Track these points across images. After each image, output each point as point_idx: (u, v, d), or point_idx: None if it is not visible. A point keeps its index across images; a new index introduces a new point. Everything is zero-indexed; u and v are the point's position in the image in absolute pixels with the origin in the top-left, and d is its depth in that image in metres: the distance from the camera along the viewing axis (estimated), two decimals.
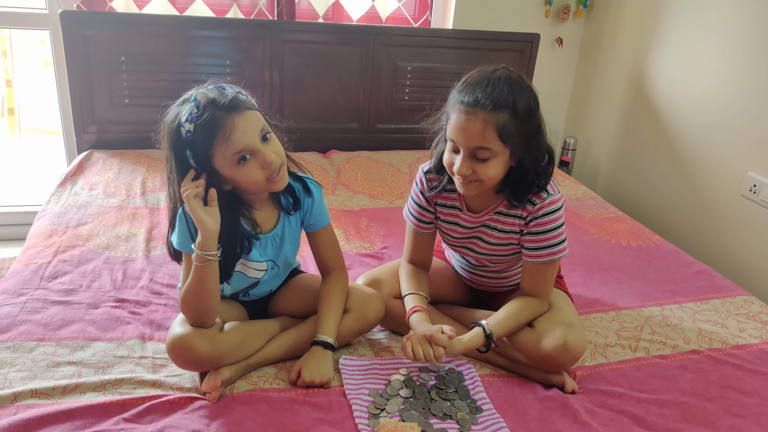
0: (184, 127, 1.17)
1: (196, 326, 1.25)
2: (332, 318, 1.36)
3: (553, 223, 1.38)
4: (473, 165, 1.29)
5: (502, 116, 1.25)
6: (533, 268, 1.42)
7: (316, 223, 1.42)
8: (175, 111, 1.21)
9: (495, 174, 1.31)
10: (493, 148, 1.27)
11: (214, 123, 1.16)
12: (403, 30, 2.72)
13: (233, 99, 1.19)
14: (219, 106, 1.17)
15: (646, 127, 2.73)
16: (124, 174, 2.32)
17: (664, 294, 1.82)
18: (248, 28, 2.51)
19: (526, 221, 1.39)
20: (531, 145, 1.31)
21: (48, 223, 1.93)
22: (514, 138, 1.27)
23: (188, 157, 1.19)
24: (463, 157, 1.29)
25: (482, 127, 1.25)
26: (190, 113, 1.17)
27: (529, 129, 1.30)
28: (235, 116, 1.18)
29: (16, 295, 1.53)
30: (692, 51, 2.45)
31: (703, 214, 2.45)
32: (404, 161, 2.69)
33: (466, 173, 1.30)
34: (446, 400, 1.29)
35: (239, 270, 1.37)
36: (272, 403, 1.24)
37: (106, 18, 2.37)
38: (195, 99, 1.18)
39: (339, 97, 2.72)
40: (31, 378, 1.26)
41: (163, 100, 1.26)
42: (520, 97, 1.27)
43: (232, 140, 1.17)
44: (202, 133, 1.17)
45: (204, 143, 1.17)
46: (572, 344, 1.32)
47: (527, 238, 1.40)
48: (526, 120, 1.28)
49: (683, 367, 1.47)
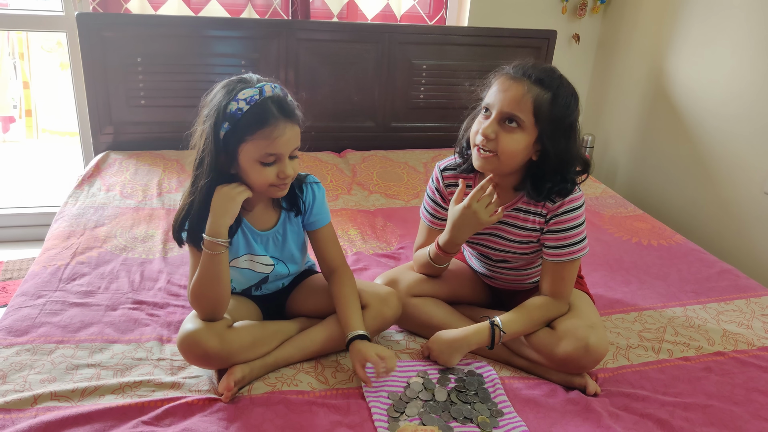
0: (238, 103, 1.18)
1: (206, 319, 1.26)
2: (356, 314, 1.35)
3: (574, 221, 1.36)
4: (499, 131, 1.30)
5: (543, 94, 1.27)
6: (553, 267, 1.40)
7: (316, 221, 1.42)
8: (225, 90, 1.22)
9: (514, 149, 1.29)
10: (524, 119, 1.28)
11: (267, 117, 1.19)
12: (418, 28, 2.70)
13: (293, 110, 1.24)
14: (280, 106, 1.21)
15: (666, 125, 2.68)
16: (141, 175, 2.32)
17: (687, 294, 1.79)
18: (263, 27, 2.51)
19: (546, 219, 1.38)
20: (559, 141, 1.30)
21: (66, 225, 1.94)
22: (547, 122, 1.28)
23: (222, 129, 1.20)
24: (493, 120, 1.30)
25: (522, 94, 1.27)
26: (251, 96, 1.19)
27: (563, 124, 1.29)
28: (288, 124, 1.22)
29: (35, 297, 1.54)
30: (712, 47, 2.41)
31: (725, 213, 2.40)
32: (420, 160, 2.67)
33: (490, 135, 1.30)
34: (466, 403, 1.27)
35: (247, 266, 1.38)
36: (290, 405, 1.23)
37: (122, 19, 2.38)
38: (261, 86, 1.20)
39: (354, 96, 2.71)
40: (50, 380, 1.26)
41: (180, 100, 1.27)
42: (564, 90, 1.29)
43: (274, 143, 1.20)
44: (251, 118, 1.19)
45: (247, 127, 1.19)
46: (594, 346, 1.30)
47: (547, 236, 1.39)
48: (563, 113, 1.29)
49: (708, 369, 1.44)
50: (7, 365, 1.29)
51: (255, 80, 1.23)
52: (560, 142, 1.30)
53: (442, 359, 1.37)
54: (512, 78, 1.30)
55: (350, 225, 2.13)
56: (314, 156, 2.57)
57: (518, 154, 1.31)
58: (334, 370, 1.36)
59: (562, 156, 1.31)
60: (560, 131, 1.30)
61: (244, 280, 1.42)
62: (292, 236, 1.41)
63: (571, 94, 1.30)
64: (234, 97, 1.19)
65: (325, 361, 1.39)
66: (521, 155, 1.32)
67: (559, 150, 1.30)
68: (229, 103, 1.19)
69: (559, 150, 1.30)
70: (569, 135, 1.31)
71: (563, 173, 1.33)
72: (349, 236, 2.04)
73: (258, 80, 1.23)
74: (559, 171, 1.33)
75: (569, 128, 1.31)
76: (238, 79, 1.24)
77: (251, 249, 1.36)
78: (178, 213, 1.29)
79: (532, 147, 1.31)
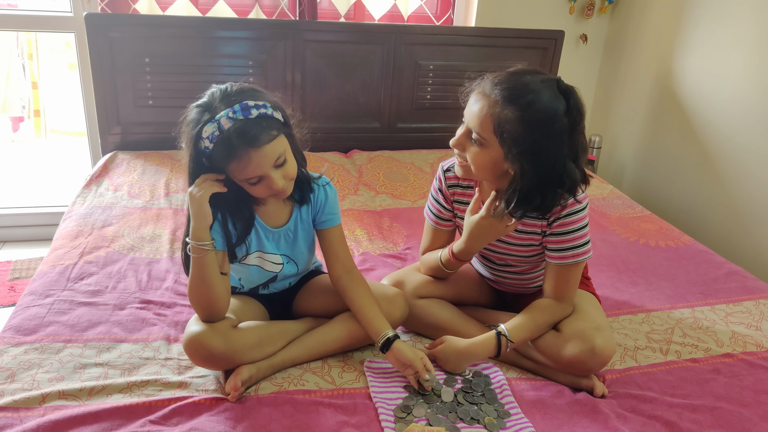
0: (203, 142, 1.19)
1: (206, 321, 1.27)
2: (379, 316, 1.35)
3: (577, 223, 1.34)
4: (466, 144, 1.30)
5: (507, 113, 1.20)
6: (556, 270, 1.39)
7: (327, 221, 1.42)
8: (196, 115, 1.21)
9: (480, 163, 1.28)
10: (486, 138, 1.25)
11: (230, 152, 1.18)
12: (425, 29, 2.69)
13: (255, 133, 1.18)
14: (241, 138, 1.17)
15: (674, 125, 2.67)
16: (148, 175, 2.33)
17: (695, 295, 1.78)
18: (270, 28, 2.51)
19: (549, 222, 1.36)
20: (534, 161, 1.21)
21: (74, 225, 1.95)
22: (513, 142, 1.21)
23: (204, 163, 1.23)
24: (462, 133, 1.31)
25: (484, 112, 1.24)
26: (212, 133, 1.18)
27: (535, 144, 1.20)
28: (252, 152, 1.18)
29: (44, 296, 1.55)
30: (721, 47, 2.40)
31: (733, 214, 2.39)
32: (426, 160, 2.67)
33: (456, 146, 1.32)
34: (473, 404, 1.27)
35: (257, 264, 1.38)
36: (297, 405, 1.23)
37: (130, 20, 2.39)
38: (218, 121, 1.17)
39: (360, 97, 2.71)
40: (58, 379, 1.27)
41: (187, 101, 1.27)
42: (540, 105, 1.19)
43: (246, 171, 1.21)
44: (219, 153, 1.19)
45: (220, 161, 1.21)
46: (600, 348, 1.29)
47: (550, 239, 1.37)
48: (537, 130, 1.19)
49: (716, 371, 1.43)
50: (16, 364, 1.30)
51: (214, 107, 1.19)
52: (535, 161, 1.21)
53: (449, 367, 1.37)
54: (481, 92, 1.26)
55: (357, 225, 2.13)
56: (321, 156, 2.58)
57: (487, 168, 1.28)
58: (341, 370, 1.36)
59: (539, 176, 1.23)
60: (533, 151, 1.21)
61: (253, 278, 1.43)
62: (303, 234, 1.41)
63: (552, 110, 1.19)
64: (200, 136, 1.19)
65: (332, 361, 1.39)
66: (490, 169, 1.28)
67: (533, 170, 1.22)
68: (198, 141, 1.20)
69: (533, 170, 1.22)
70: (546, 150, 1.21)
71: (543, 195, 1.26)
72: (355, 236, 2.04)
73: (216, 105, 1.19)
74: (539, 192, 1.25)
75: (546, 141, 1.20)
76: (204, 106, 1.21)
77: (262, 246, 1.37)
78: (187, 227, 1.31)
79: (504, 162, 1.25)
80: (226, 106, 1.18)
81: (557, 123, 1.20)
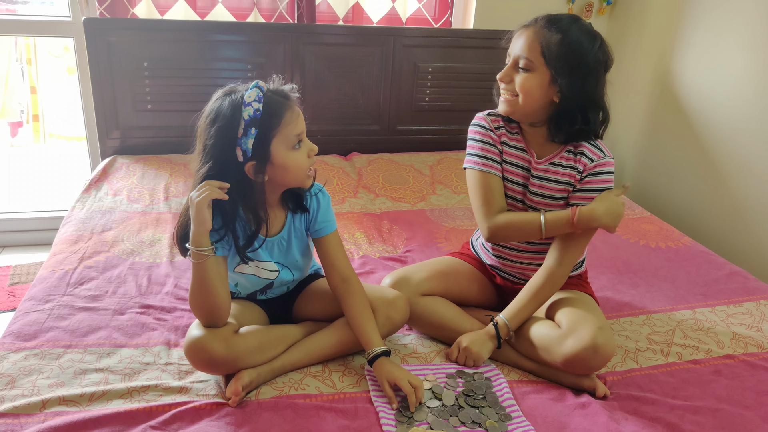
0: (252, 106, 1.20)
1: (208, 326, 1.26)
2: (374, 328, 1.35)
3: (605, 183, 1.41)
4: (514, 74, 1.38)
5: (551, 36, 1.33)
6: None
7: (322, 228, 1.40)
8: (225, 99, 1.22)
9: (529, 88, 1.36)
10: (534, 61, 1.34)
11: (281, 104, 1.24)
12: (423, 31, 2.70)
13: (290, 91, 1.29)
14: (283, 93, 1.27)
15: (673, 126, 2.67)
16: (148, 179, 2.33)
17: (696, 297, 1.78)
18: (269, 31, 2.51)
19: (582, 175, 1.41)
20: (577, 83, 1.33)
21: (73, 229, 1.95)
22: (559, 63, 1.33)
23: (249, 137, 1.20)
24: (509, 65, 1.40)
25: (530, 38, 1.35)
26: (258, 95, 1.22)
27: (576, 62, 1.33)
28: (294, 104, 1.27)
29: (44, 301, 1.55)
30: (720, 47, 2.40)
31: (733, 214, 2.39)
32: (425, 163, 2.66)
33: (505, 79, 1.39)
34: (474, 408, 1.27)
35: (252, 272, 1.38)
36: (298, 409, 1.23)
37: (129, 24, 2.39)
38: (257, 85, 1.23)
39: (359, 99, 2.71)
40: (58, 385, 1.26)
41: (186, 104, 1.28)
42: (575, 32, 1.33)
43: (297, 122, 1.26)
44: (269, 112, 1.22)
45: (272, 120, 1.22)
46: (602, 345, 1.29)
47: (577, 195, 1.42)
48: (575, 51, 1.32)
49: (718, 372, 1.43)
50: (16, 370, 1.30)
51: (243, 87, 1.25)
52: (575, 81, 1.33)
53: (474, 353, 1.39)
54: (525, 26, 1.39)
55: (356, 228, 2.13)
56: (320, 159, 2.57)
57: (534, 94, 1.37)
58: (341, 374, 1.36)
59: (580, 96, 1.35)
60: (574, 70, 1.33)
61: (249, 285, 1.43)
62: (296, 242, 1.41)
63: (587, 39, 1.33)
64: (244, 104, 1.20)
65: (333, 365, 1.39)
66: (538, 95, 1.37)
67: (575, 89, 1.34)
68: (241, 112, 1.20)
69: (575, 89, 1.34)
70: (586, 75, 1.34)
71: (584, 115, 1.37)
72: (355, 239, 2.04)
73: (238, 87, 1.25)
74: (580, 112, 1.36)
75: (585, 67, 1.33)
76: (227, 92, 1.25)
77: (256, 255, 1.36)
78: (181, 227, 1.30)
79: (549, 87, 1.36)
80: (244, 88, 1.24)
81: (593, 50, 1.34)
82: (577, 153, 1.42)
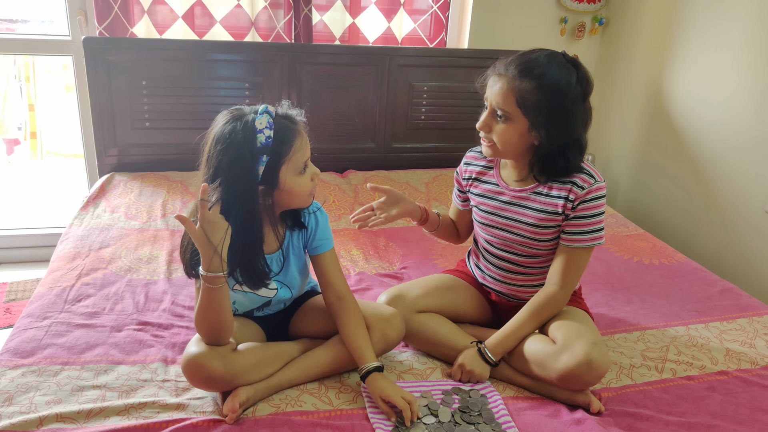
0: (264, 133, 1.22)
1: (211, 344, 1.26)
2: (367, 345, 1.35)
3: (599, 208, 1.43)
4: (492, 123, 1.40)
5: (525, 85, 1.33)
6: (568, 253, 1.44)
7: (319, 246, 1.42)
8: (233, 124, 1.22)
9: (507, 139, 1.39)
10: (510, 111, 1.36)
11: (291, 131, 1.27)
12: (418, 50, 2.74)
13: (298, 116, 1.32)
14: (292, 119, 1.29)
15: (666, 144, 2.71)
16: (145, 196, 2.34)
17: (689, 313, 1.79)
18: (266, 51, 2.55)
19: (573, 204, 1.42)
20: (555, 130, 1.35)
21: (71, 246, 1.95)
22: (534, 111, 1.34)
23: (260, 164, 1.23)
24: (487, 114, 1.41)
25: (504, 89, 1.36)
26: (269, 121, 1.23)
27: (556, 110, 1.34)
28: (302, 130, 1.30)
29: (41, 318, 1.55)
30: (711, 66, 2.44)
31: (726, 231, 2.41)
32: (421, 180, 2.69)
33: (482, 127, 1.42)
34: (470, 424, 1.27)
35: (251, 291, 1.38)
36: (294, 426, 1.24)
37: (128, 44, 2.41)
38: (267, 110, 1.25)
39: (356, 117, 2.74)
40: (56, 402, 1.26)
41: (184, 122, 1.30)
42: (551, 75, 1.33)
43: (305, 148, 1.30)
44: (284, 134, 1.25)
45: (282, 147, 1.25)
46: (597, 361, 1.30)
47: (572, 223, 1.43)
48: (554, 99, 1.33)
49: (712, 388, 1.44)
50: (13, 387, 1.30)
51: (250, 109, 1.26)
52: (554, 127, 1.35)
53: (477, 375, 1.41)
54: (497, 74, 1.39)
55: (353, 245, 2.14)
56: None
57: (513, 142, 1.39)
58: (338, 391, 1.36)
59: (560, 140, 1.37)
60: (552, 116, 1.34)
61: (248, 303, 1.43)
62: (295, 260, 1.42)
63: (565, 79, 1.33)
64: (255, 131, 1.22)
65: (329, 382, 1.39)
66: (517, 143, 1.40)
67: (553, 136, 1.36)
68: (253, 139, 1.21)
69: (553, 136, 1.36)
70: (565, 118, 1.35)
71: (564, 155, 1.39)
72: (351, 256, 2.05)
73: (245, 110, 1.26)
74: (561, 153, 1.39)
75: (563, 111, 1.34)
76: (234, 113, 1.25)
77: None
78: (186, 249, 1.30)
79: (528, 134, 1.37)
80: (252, 111, 1.26)
81: (571, 89, 1.35)
82: (567, 182, 1.43)
